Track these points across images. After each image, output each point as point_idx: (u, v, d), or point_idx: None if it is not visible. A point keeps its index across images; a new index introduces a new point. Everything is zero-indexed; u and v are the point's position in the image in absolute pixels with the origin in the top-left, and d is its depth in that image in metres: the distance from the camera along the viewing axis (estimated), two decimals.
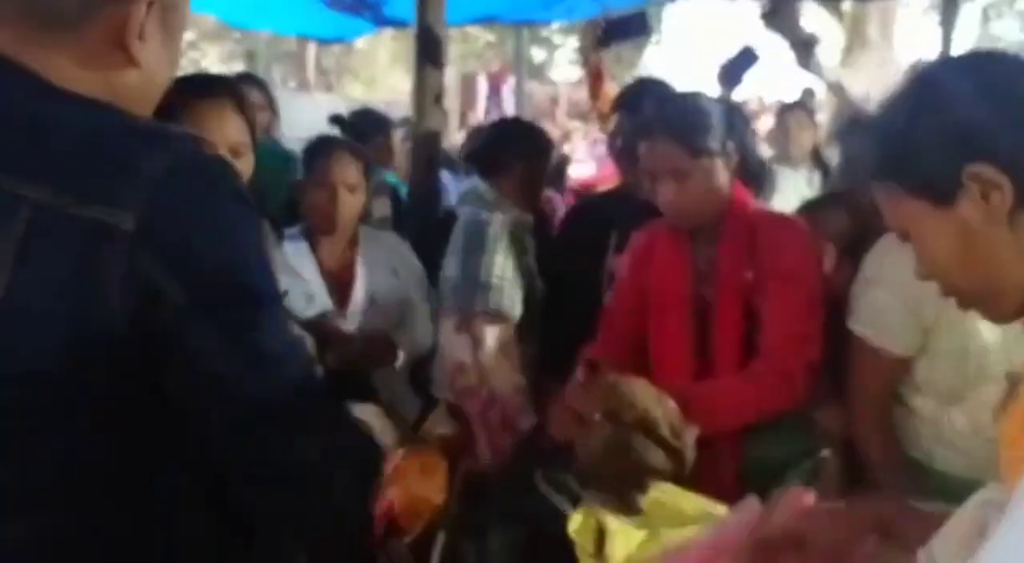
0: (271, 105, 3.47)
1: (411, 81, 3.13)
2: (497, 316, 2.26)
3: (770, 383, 1.75)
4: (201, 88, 1.61)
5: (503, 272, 2.27)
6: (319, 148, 2.33)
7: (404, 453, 1.50)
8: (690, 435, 1.67)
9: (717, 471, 1.76)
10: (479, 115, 9.88)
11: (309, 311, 2.19)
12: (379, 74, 17.41)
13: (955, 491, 0.97)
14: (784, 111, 4.85)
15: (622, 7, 5.72)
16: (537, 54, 17.02)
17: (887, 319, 1.70)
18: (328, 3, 5.03)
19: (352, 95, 14.03)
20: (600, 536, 1.50)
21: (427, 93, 3.10)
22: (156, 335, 0.81)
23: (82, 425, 0.83)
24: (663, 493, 1.61)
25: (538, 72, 16.04)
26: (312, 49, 11.73)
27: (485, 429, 1.76)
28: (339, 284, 2.30)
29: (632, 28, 3.70)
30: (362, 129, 3.31)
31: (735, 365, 1.82)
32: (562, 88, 11.98)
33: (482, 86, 10.44)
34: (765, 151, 3.50)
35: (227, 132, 1.59)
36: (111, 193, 0.80)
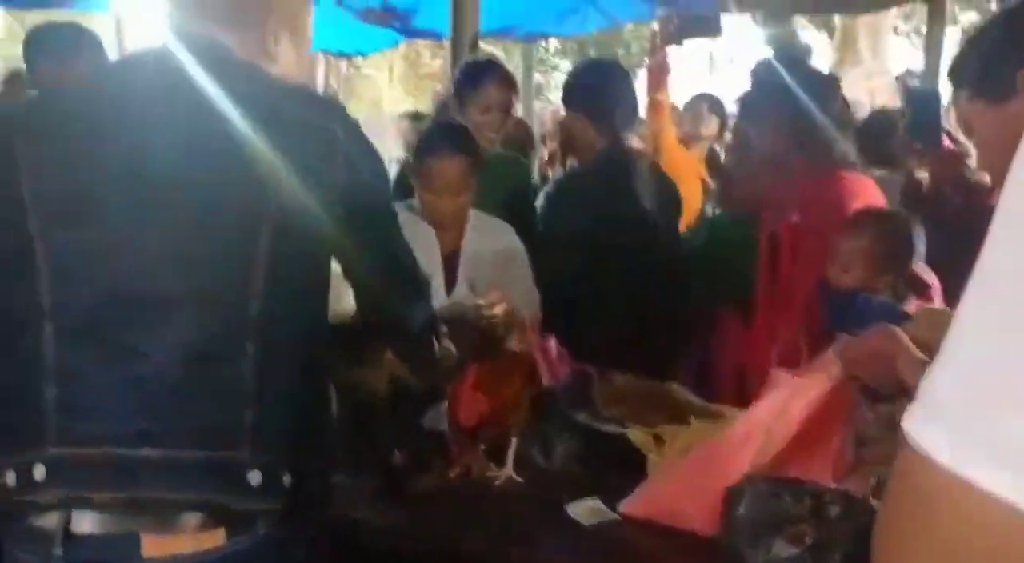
0: None
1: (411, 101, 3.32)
2: None
3: None
4: None
5: None
6: (423, 149, 2.38)
7: (481, 366, 1.82)
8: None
9: None
10: None
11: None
12: (383, 94, 17.58)
13: None
14: None
15: (629, 19, 5.99)
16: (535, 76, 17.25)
17: None
18: (358, 15, 5.33)
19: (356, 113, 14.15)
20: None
21: None
22: (355, 192, 1.34)
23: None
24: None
25: (538, 92, 16.26)
26: (320, 70, 11.84)
27: (545, 359, 2.07)
28: (447, 268, 2.39)
29: (704, 27, 3.78)
30: None
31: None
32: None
33: None
34: None
35: None
36: (329, 116, 1.36)
